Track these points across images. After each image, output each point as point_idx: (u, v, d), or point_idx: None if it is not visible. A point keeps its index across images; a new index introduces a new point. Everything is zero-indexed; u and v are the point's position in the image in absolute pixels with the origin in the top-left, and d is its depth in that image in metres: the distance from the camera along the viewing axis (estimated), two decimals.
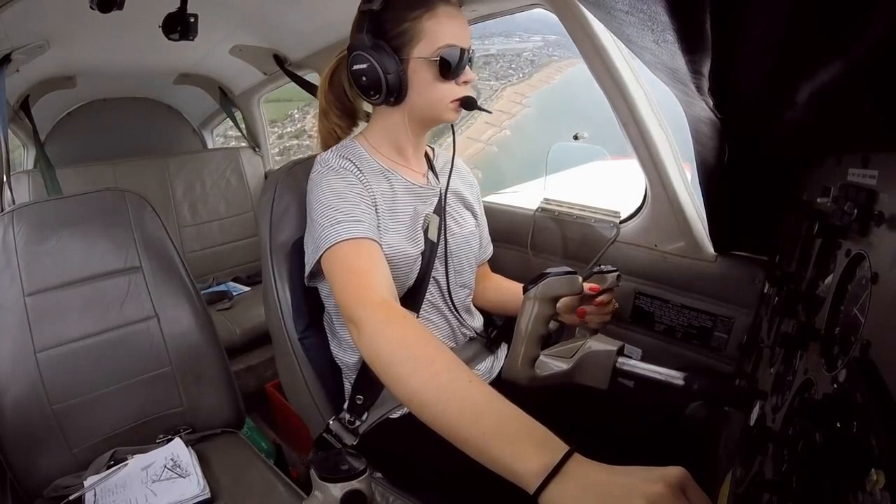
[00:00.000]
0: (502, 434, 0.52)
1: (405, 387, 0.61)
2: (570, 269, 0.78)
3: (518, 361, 0.78)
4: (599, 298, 0.90)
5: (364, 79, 0.85)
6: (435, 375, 0.60)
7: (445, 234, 0.97)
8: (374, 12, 0.83)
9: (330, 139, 1.00)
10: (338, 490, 0.64)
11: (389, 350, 0.65)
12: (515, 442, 0.51)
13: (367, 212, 0.84)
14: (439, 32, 0.84)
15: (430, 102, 0.88)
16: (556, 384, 0.78)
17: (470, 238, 1.04)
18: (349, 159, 0.89)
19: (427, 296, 0.95)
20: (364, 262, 0.78)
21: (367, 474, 0.66)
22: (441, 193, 0.98)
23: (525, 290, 0.78)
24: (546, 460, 0.47)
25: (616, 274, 0.91)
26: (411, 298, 0.93)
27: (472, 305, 1.09)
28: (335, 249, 0.79)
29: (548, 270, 0.78)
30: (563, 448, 0.49)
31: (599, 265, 0.94)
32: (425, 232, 0.94)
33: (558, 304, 1.00)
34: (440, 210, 0.97)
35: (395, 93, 0.85)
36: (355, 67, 0.85)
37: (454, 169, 1.02)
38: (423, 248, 0.93)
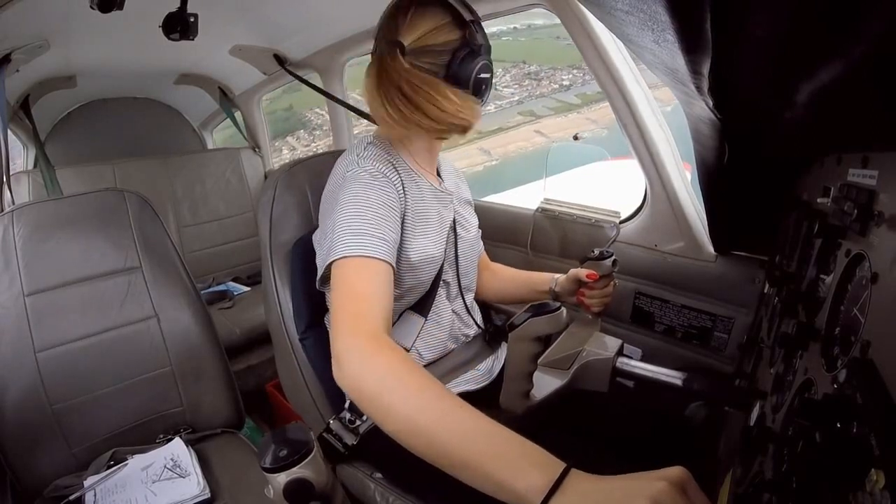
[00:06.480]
0: (500, 456, 0.51)
1: (396, 414, 0.59)
2: (555, 306, 0.74)
3: (510, 398, 0.78)
4: (596, 284, 0.91)
5: (484, 87, 0.85)
6: (428, 402, 0.58)
7: (457, 240, 0.97)
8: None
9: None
10: (283, 477, 0.59)
11: (377, 379, 0.62)
12: (513, 462, 0.50)
13: (394, 229, 0.80)
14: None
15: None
16: (555, 398, 0.78)
17: (475, 240, 1.05)
18: (390, 162, 0.85)
19: (436, 299, 0.95)
20: (367, 286, 0.73)
21: (311, 456, 0.60)
22: (453, 198, 0.98)
23: (510, 329, 0.75)
24: (545, 479, 0.47)
25: (612, 259, 0.92)
26: (422, 303, 0.93)
27: (474, 306, 1.09)
28: (344, 263, 0.75)
29: (532, 306, 0.75)
30: (561, 465, 0.49)
31: (594, 251, 0.94)
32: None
33: (557, 288, 1.00)
34: (452, 215, 0.97)
35: None
36: (483, 76, 0.83)
37: (451, 170, 1.04)
38: (444, 253, 0.93)
